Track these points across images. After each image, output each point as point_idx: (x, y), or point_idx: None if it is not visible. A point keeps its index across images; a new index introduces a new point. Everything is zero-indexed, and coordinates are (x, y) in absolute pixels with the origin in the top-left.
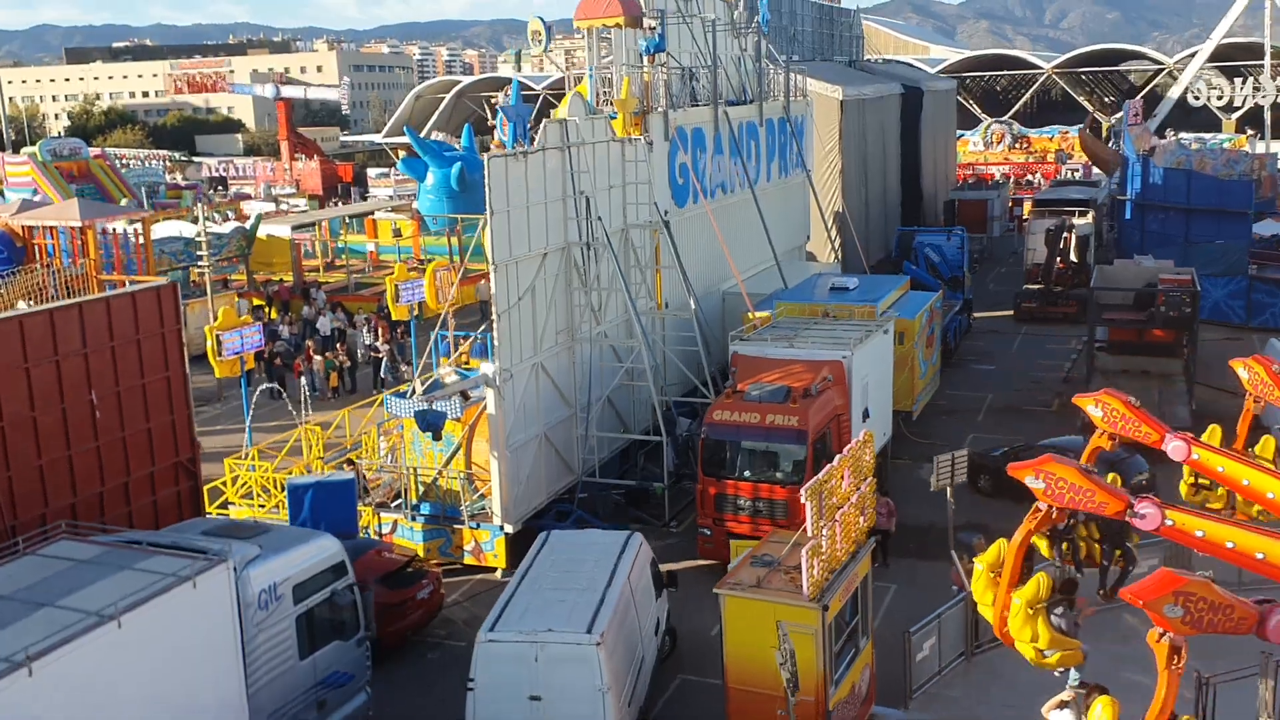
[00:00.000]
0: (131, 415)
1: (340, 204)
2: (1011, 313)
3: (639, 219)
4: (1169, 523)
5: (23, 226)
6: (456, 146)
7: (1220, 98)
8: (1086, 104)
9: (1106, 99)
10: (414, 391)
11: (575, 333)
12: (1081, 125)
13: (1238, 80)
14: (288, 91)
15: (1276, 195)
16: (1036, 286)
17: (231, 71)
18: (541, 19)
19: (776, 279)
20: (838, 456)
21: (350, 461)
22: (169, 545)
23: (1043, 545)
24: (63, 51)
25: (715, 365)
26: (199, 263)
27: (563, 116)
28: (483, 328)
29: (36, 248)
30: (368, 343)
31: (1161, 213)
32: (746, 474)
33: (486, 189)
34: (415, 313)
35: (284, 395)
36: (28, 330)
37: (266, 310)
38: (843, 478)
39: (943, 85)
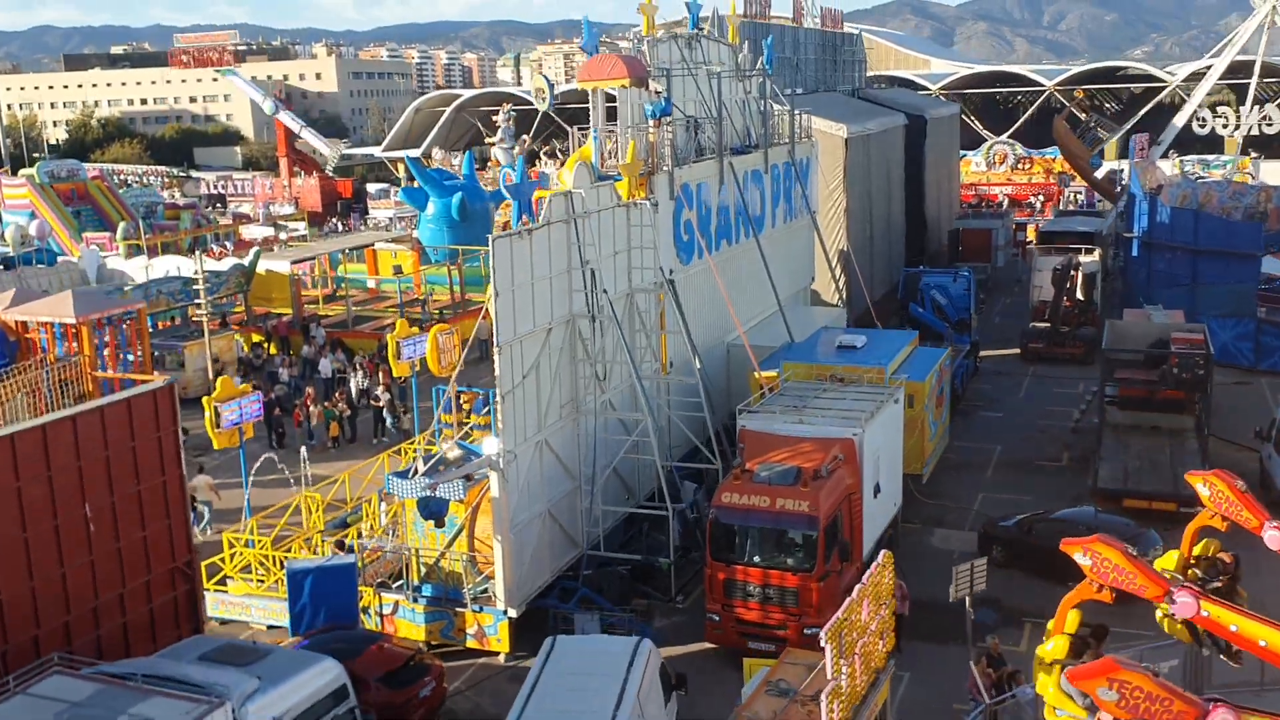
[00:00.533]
0: (127, 524)
1: (339, 222)
2: (1018, 351)
3: (644, 282)
4: (1204, 614)
5: (16, 320)
6: (456, 172)
7: (1226, 125)
8: (1087, 121)
9: (1107, 106)
10: (415, 471)
11: (580, 404)
12: (1058, 115)
13: (1243, 109)
14: (285, 118)
15: None
16: (1043, 325)
17: (236, 47)
18: (546, 78)
19: (781, 327)
20: (857, 588)
21: (341, 545)
22: (165, 678)
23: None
24: (61, 54)
25: (720, 422)
26: (196, 301)
27: (568, 188)
28: (487, 386)
29: (30, 341)
30: (363, 387)
31: (1169, 252)
32: (756, 559)
33: (491, 271)
34: (416, 369)
35: (283, 446)
36: (20, 448)
37: (266, 346)
38: (863, 608)
39: (946, 111)
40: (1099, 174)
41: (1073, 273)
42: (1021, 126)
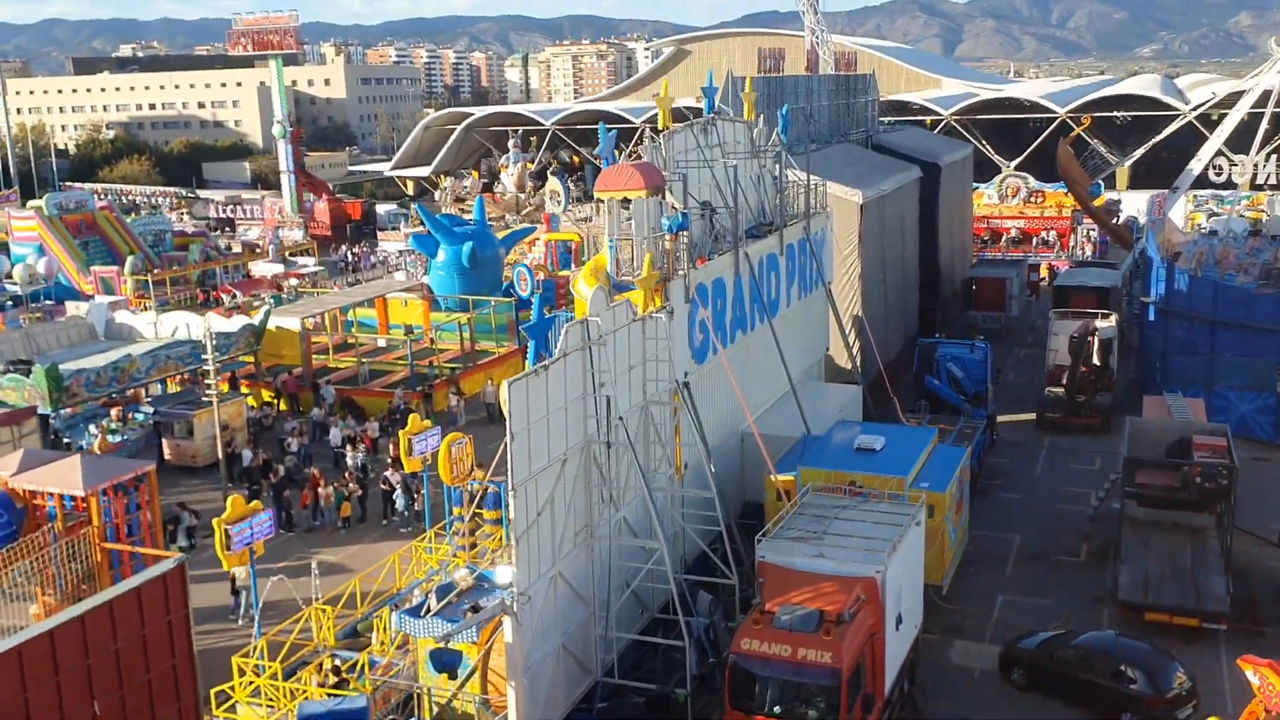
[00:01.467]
0: (137, 715)
1: (349, 251)
2: (1034, 416)
3: (659, 394)
4: None
5: (24, 489)
6: (462, 210)
7: (1243, 174)
8: (1100, 146)
9: (1118, 120)
10: (428, 608)
11: (594, 529)
12: (1063, 138)
13: (1260, 156)
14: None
15: None
16: (1059, 391)
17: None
18: (562, 179)
19: (794, 411)
20: None
21: (340, 677)
22: None
23: None
24: (69, 52)
25: (733, 514)
26: (206, 363)
27: (585, 316)
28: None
29: (39, 509)
30: (363, 463)
31: (1187, 320)
32: (777, 709)
33: (507, 415)
34: (428, 463)
35: (292, 528)
36: (26, 657)
37: (275, 403)
38: None
39: (959, 154)
40: (1105, 205)
41: (1089, 338)
42: (1033, 153)
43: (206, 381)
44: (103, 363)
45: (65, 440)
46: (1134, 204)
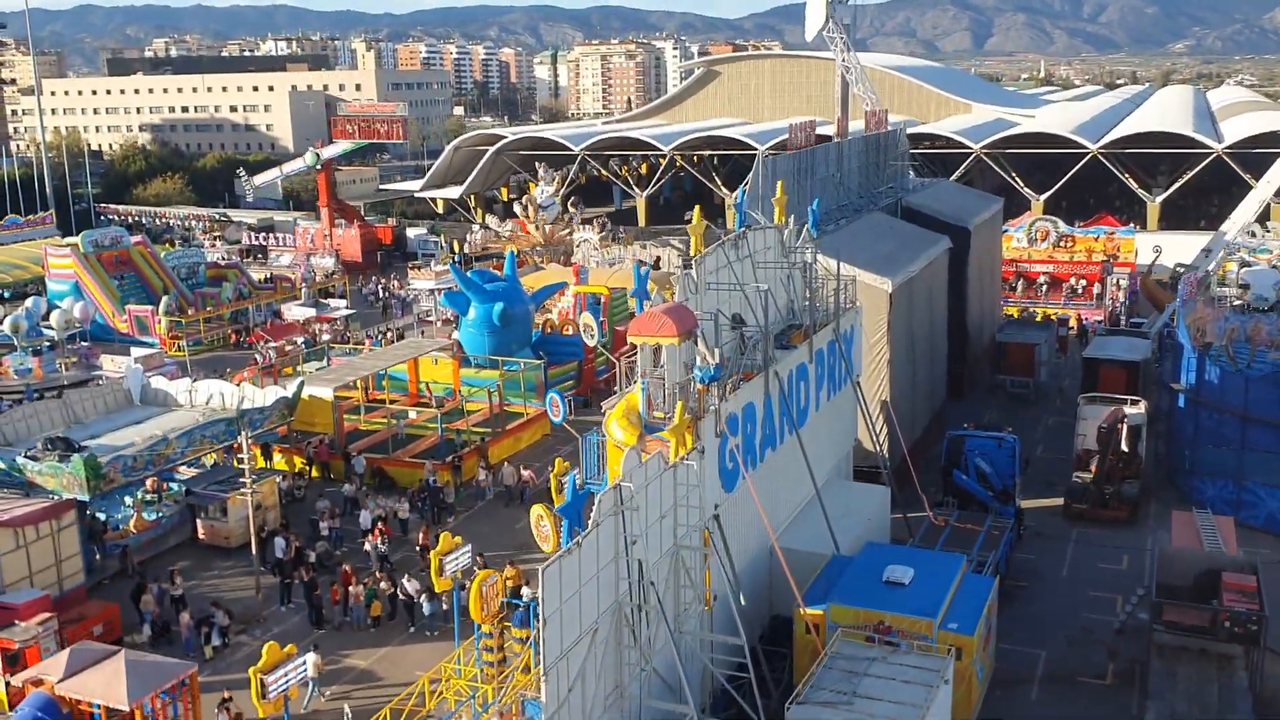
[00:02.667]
0: None
1: (380, 285)
2: (1062, 501)
3: (689, 536)
4: None
5: (70, 696)
6: (498, 256)
7: (1270, 253)
8: (1131, 181)
9: (1152, 169)
10: None
11: (625, 690)
12: (1145, 270)
13: None
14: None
15: None
16: (1087, 477)
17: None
18: (594, 319)
19: (820, 519)
20: None
21: None
22: None
23: None
24: (104, 33)
25: (763, 627)
26: (239, 438)
27: (617, 480)
28: (529, 596)
29: (84, 713)
30: (382, 552)
31: (1218, 412)
32: None
33: (540, 601)
34: (460, 580)
35: (321, 625)
36: None
37: (308, 471)
38: None
39: (989, 213)
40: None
41: (1119, 426)
42: (1063, 186)
43: (240, 456)
44: (140, 446)
45: (101, 518)
46: (1172, 248)
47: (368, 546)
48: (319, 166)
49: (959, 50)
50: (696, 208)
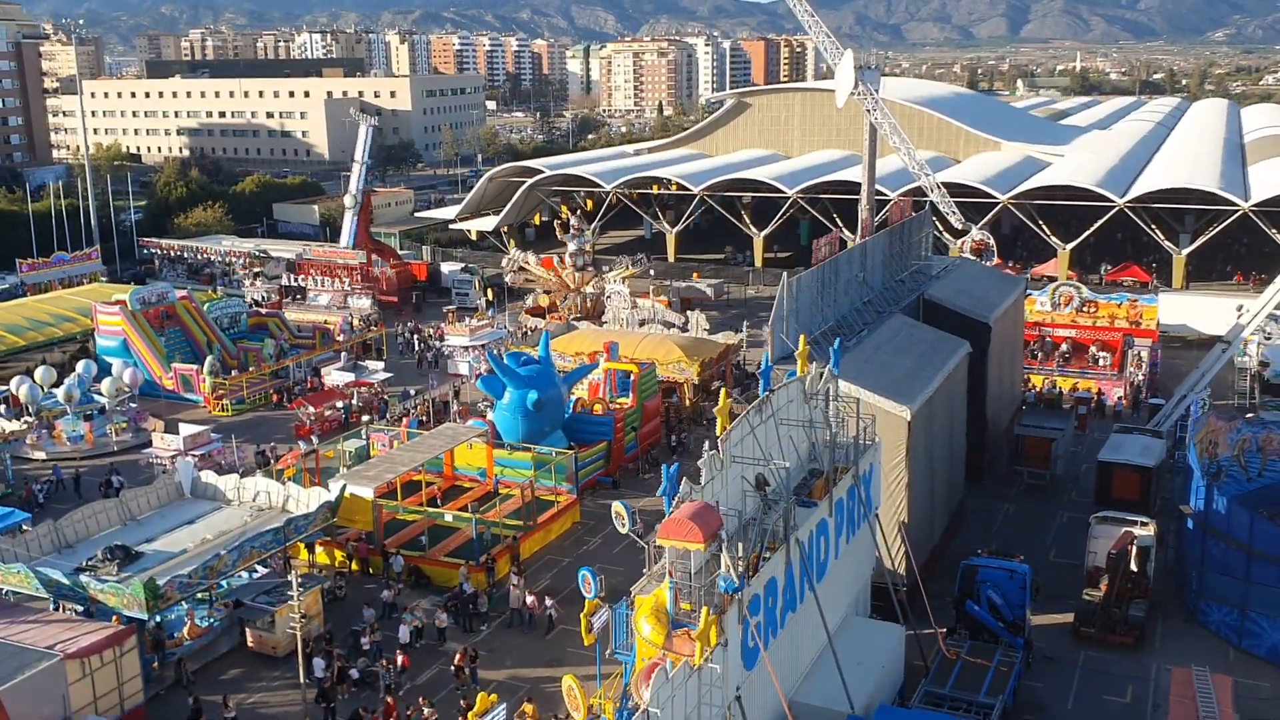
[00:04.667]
0: None
1: (414, 323)
2: (1070, 619)
3: None
4: None
5: None
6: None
7: None
8: (1157, 233)
9: (1179, 221)
10: None
11: None
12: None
13: None
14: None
15: None
16: (1097, 596)
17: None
18: (625, 506)
19: (835, 670)
20: None
21: None
22: None
23: None
24: (139, 12)
25: None
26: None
27: (646, 708)
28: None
29: None
30: (399, 676)
31: (1224, 540)
32: None
33: None
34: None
35: None
36: None
37: (349, 566)
38: None
39: (1011, 297)
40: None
41: (1129, 549)
42: (1090, 238)
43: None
44: (194, 553)
45: (158, 620)
46: (1199, 313)
47: (385, 668)
48: (358, 207)
49: (994, 37)
50: (723, 393)
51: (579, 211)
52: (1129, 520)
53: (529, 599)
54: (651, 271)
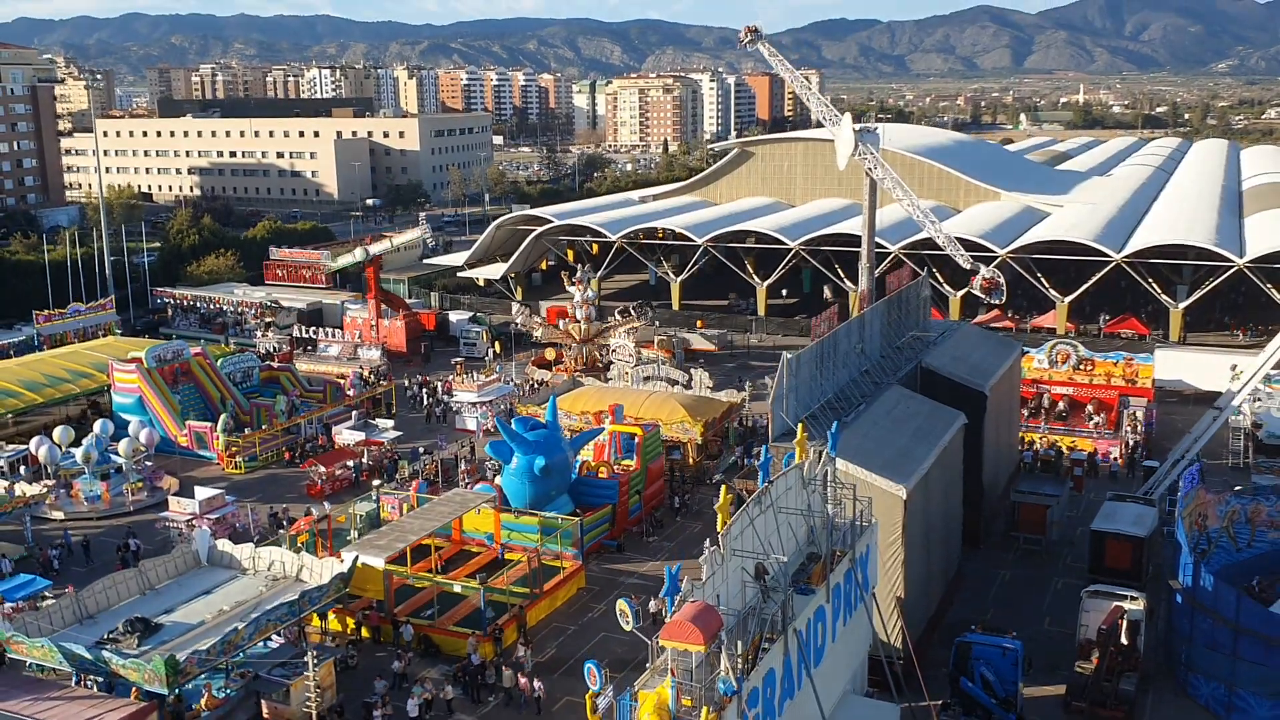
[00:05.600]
0: None
1: (422, 377)
2: (1063, 691)
3: None
4: None
5: None
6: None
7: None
8: (1153, 287)
9: (1175, 280)
10: None
11: None
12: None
13: None
14: (376, 248)
15: None
16: (1088, 669)
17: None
18: (630, 604)
19: None
20: None
21: None
22: None
23: None
24: (149, 42)
25: None
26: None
27: None
28: None
29: None
30: None
31: (1211, 616)
32: None
33: None
34: None
35: None
36: None
37: (360, 633)
38: None
39: (1007, 362)
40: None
41: (1119, 624)
42: (1087, 290)
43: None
44: (211, 625)
45: (176, 699)
46: (1195, 369)
47: None
48: (368, 261)
49: (998, 68)
50: (724, 490)
51: (585, 265)
52: (1119, 595)
53: (521, 680)
54: (656, 322)
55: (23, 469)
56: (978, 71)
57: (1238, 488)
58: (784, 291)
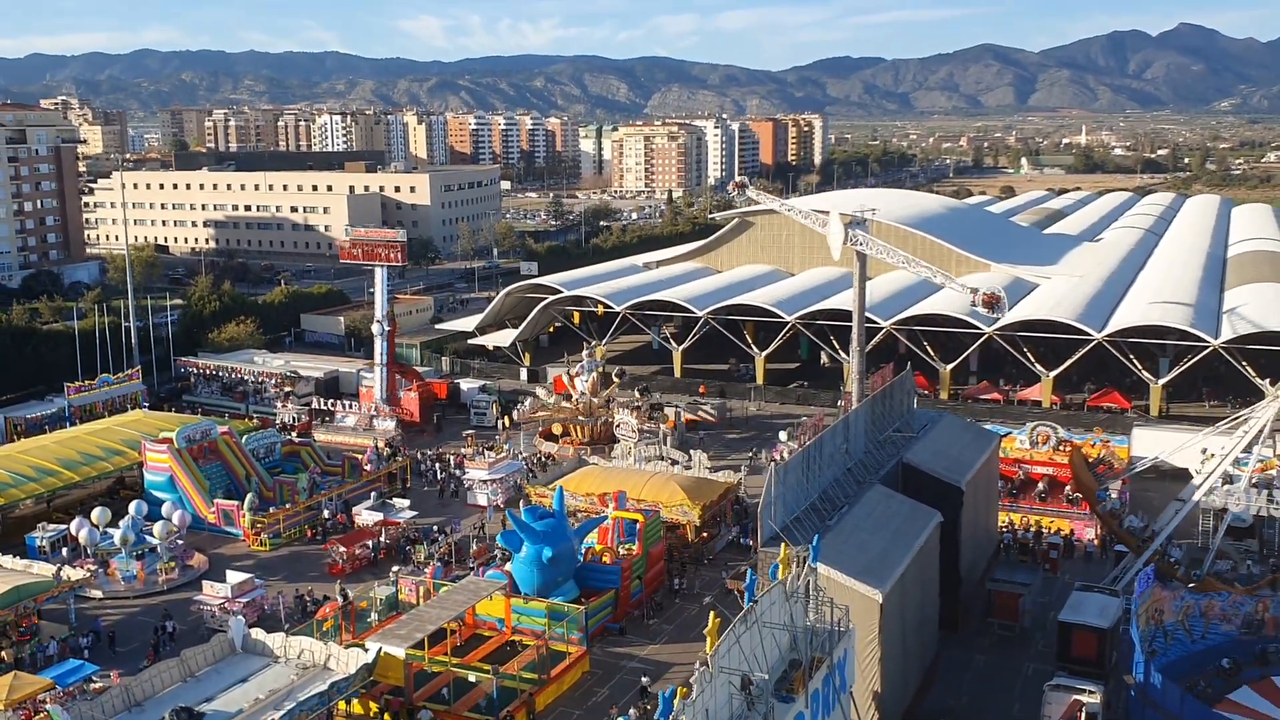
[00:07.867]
0: None
1: (436, 449)
2: None
3: None
4: None
5: None
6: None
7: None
8: (1134, 364)
9: (1157, 354)
10: None
11: None
12: (1076, 449)
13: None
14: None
15: None
16: None
17: (404, 240)
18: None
19: None
20: None
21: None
22: None
23: None
24: (160, 78)
25: None
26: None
27: None
28: None
29: None
30: None
31: (1160, 713)
32: None
33: None
34: None
35: None
36: None
37: (382, 718)
38: None
39: (985, 453)
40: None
41: (1077, 715)
42: (1071, 366)
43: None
44: (249, 714)
45: None
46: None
47: None
48: (386, 330)
49: (1002, 106)
50: (712, 615)
51: (591, 344)
52: (1078, 688)
53: None
54: (658, 394)
55: (64, 549)
56: (981, 109)
57: (1191, 584)
58: (785, 362)
